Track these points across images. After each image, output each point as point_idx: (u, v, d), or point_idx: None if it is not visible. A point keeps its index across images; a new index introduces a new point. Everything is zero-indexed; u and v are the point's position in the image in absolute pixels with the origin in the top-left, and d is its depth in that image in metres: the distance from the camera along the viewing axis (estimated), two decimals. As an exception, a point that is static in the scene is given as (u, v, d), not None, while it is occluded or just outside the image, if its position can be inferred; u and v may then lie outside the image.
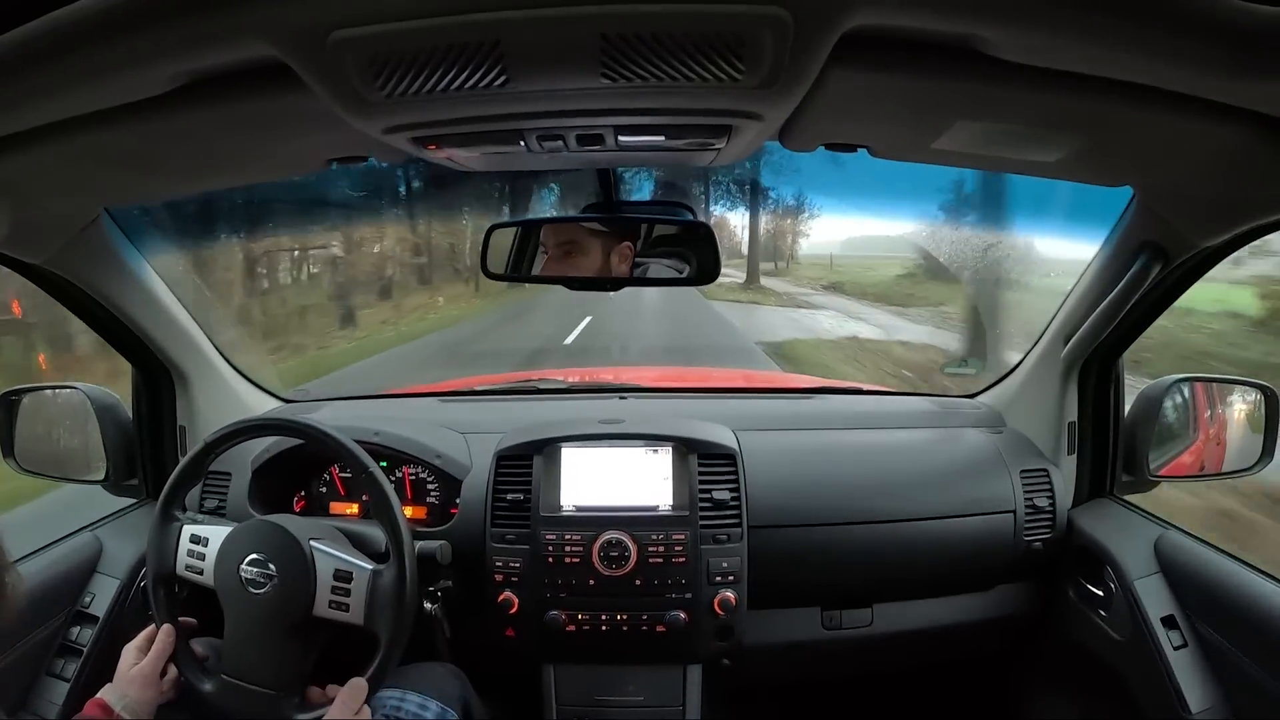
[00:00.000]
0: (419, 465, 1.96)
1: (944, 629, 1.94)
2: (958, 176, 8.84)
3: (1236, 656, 1.45)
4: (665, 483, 1.80)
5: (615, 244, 1.57)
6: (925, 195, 9.50)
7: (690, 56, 0.82)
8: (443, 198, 13.38)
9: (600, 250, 1.58)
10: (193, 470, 1.60)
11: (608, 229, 1.57)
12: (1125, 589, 1.65)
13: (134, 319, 1.82)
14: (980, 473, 1.91)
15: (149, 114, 0.98)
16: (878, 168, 1.31)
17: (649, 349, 10.46)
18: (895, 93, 1.00)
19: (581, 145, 1.13)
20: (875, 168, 1.32)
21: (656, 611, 1.74)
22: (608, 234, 1.57)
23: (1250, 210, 1.25)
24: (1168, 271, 1.56)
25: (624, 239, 1.57)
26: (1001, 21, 0.77)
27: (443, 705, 1.60)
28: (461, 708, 1.65)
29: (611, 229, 1.57)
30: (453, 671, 1.73)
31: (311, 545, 1.46)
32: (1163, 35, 0.75)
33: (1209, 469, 1.91)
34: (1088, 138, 1.10)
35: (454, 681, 1.70)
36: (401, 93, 0.89)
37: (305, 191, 9.92)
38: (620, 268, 1.57)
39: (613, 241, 1.57)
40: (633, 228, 1.58)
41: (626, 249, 1.57)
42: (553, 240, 1.62)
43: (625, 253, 1.57)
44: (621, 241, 1.57)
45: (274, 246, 11.45)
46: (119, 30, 0.76)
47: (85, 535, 1.81)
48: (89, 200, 1.50)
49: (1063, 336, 1.86)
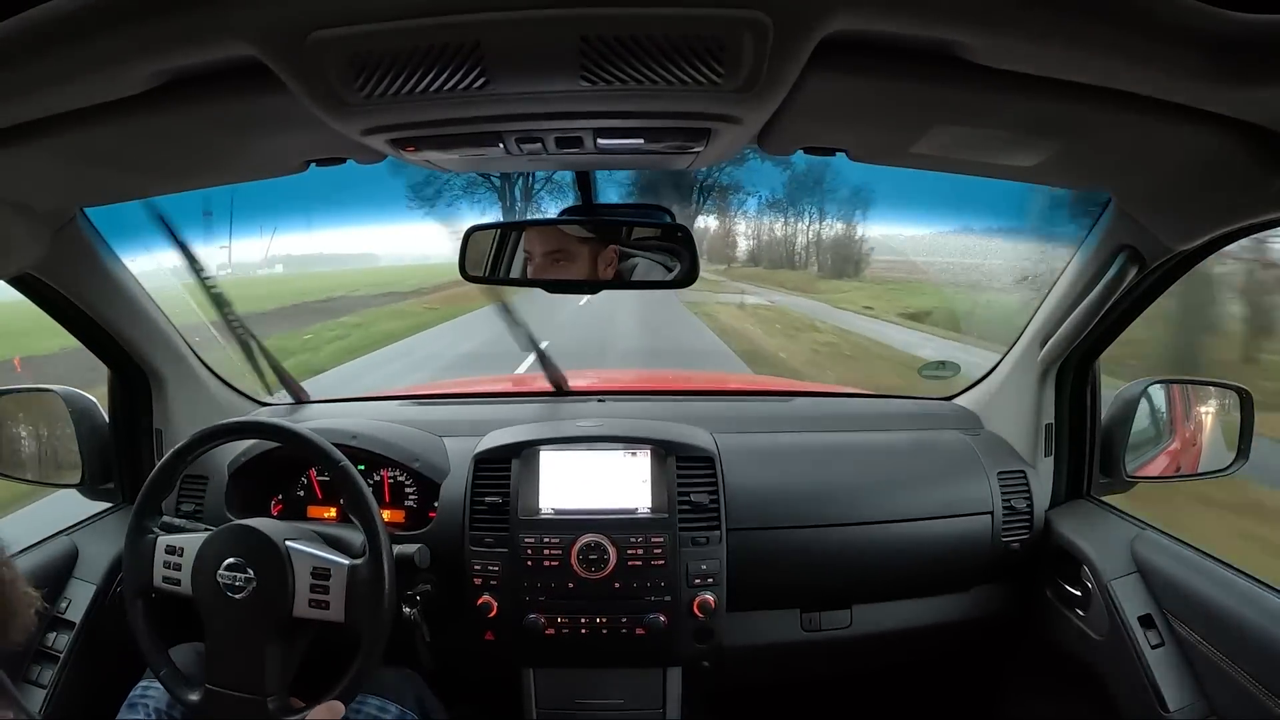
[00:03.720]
0: (397, 468, 1.95)
1: (923, 630, 1.95)
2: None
3: (1213, 655, 1.46)
4: (644, 485, 1.80)
5: (601, 248, 1.56)
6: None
7: (670, 59, 0.82)
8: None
9: (588, 256, 1.57)
10: (165, 479, 1.59)
11: (593, 234, 1.57)
12: (1102, 589, 1.66)
13: (110, 321, 1.80)
14: (958, 474, 1.91)
15: (126, 113, 0.97)
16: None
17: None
18: (874, 97, 1.00)
19: (561, 148, 1.13)
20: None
21: (636, 614, 1.74)
22: (594, 239, 1.57)
23: (1226, 215, 1.26)
24: (1144, 275, 1.58)
25: (609, 243, 1.56)
26: (980, 27, 0.78)
27: (402, 708, 1.60)
28: (419, 709, 1.65)
29: (596, 233, 1.57)
30: (408, 675, 1.73)
31: (288, 545, 1.46)
32: (1139, 41, 0.76)
33: (1185, 470, 1.92)
34: (1065, 143, 1.11)
35: (411, 684, 1.70)
36: (380, 94, 0.88)
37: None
38: (607, 272, 1.57)
39: (599, 247, 1.56)
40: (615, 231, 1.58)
41: (613, 253, 1.57)
42: (539, 248, 1.61)
43: (611, 256, 1.57)
44: (608, 246, 1.56)
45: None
46: (97, 29, 0.76)
47: (60, 540, 1.79)
48: (65, 200, 1.48)
49: (1040, 339, 1.87)
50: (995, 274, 11.82)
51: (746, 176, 21.57)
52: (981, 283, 12.73)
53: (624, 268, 1.58)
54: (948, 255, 15.64)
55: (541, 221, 1.66)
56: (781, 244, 25.61)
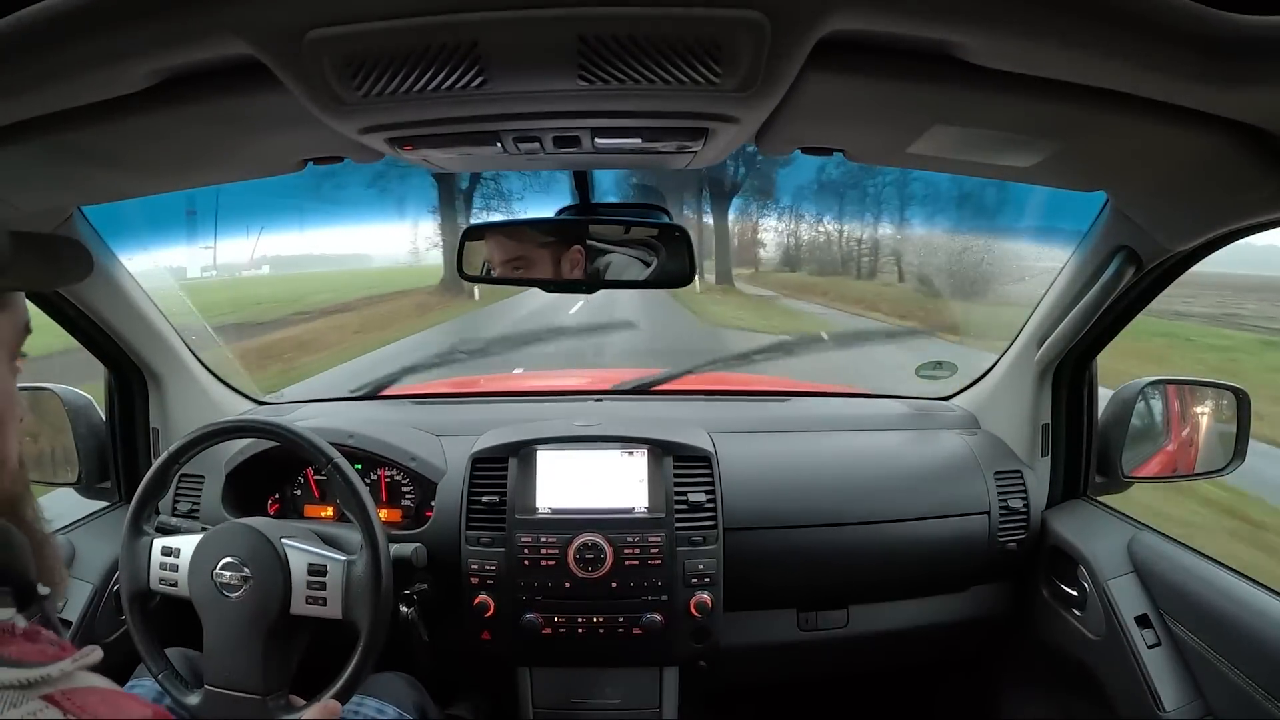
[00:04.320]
0: (394, 468, 1.95)
1: (919, 630, 1.95)
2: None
3: (1210, 655, 1.46)
4: (641, 485, 1.80)
5: (564, 251, 1.54)
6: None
7: (667, 59, 0.82)
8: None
9: (550, 259, 1.54)
10: (161, 478, 1.58)
11: (555, 237, 1.55)
12: (1099, 589, 1.67)
13: (107, 320, 1.80)
14: (955, 475, 1.92)
15: (123, 112, 0.96)
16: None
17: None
18: (872, 97, 1.00)
19: (558, 147, 1.12)
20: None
21: (633, 614, 1.74)
22: (555, 242, 1.54)
23: (1223, 216, 1.26)
24: (1141, 275, 1.58)
25: (572, 245, 1.54)
26: (978, 28, 0.78)
27: (400, 711, 1.60)
28: (418, 713, 1.65)
29: (560, 236, 1.55)
30: (407, 679, 1.73)
31: (284, 543, 1.46)
32: (1136, 42, 0.76)
33: (1181, 470, 1.93)
34: (1063, 143, 1.11)
35: (409, 688, 1.70)
36: (378, 93, 0.88)
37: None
38: (574, 273, 1.55)
39: (562, 249, 1.54)
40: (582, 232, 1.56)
41: (577, 253, 1.54)
42: (499, 256, 1.58)
43: (576, 258, 1.54)
44: (570, 248, 1.54)
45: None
46: (93, 27, 0.75)
47: (58, 539, 1.78)
48: (62, 199, 1.48)
49: (1036, 340, 1.87)
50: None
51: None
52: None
53: (598, 265, 1.56)
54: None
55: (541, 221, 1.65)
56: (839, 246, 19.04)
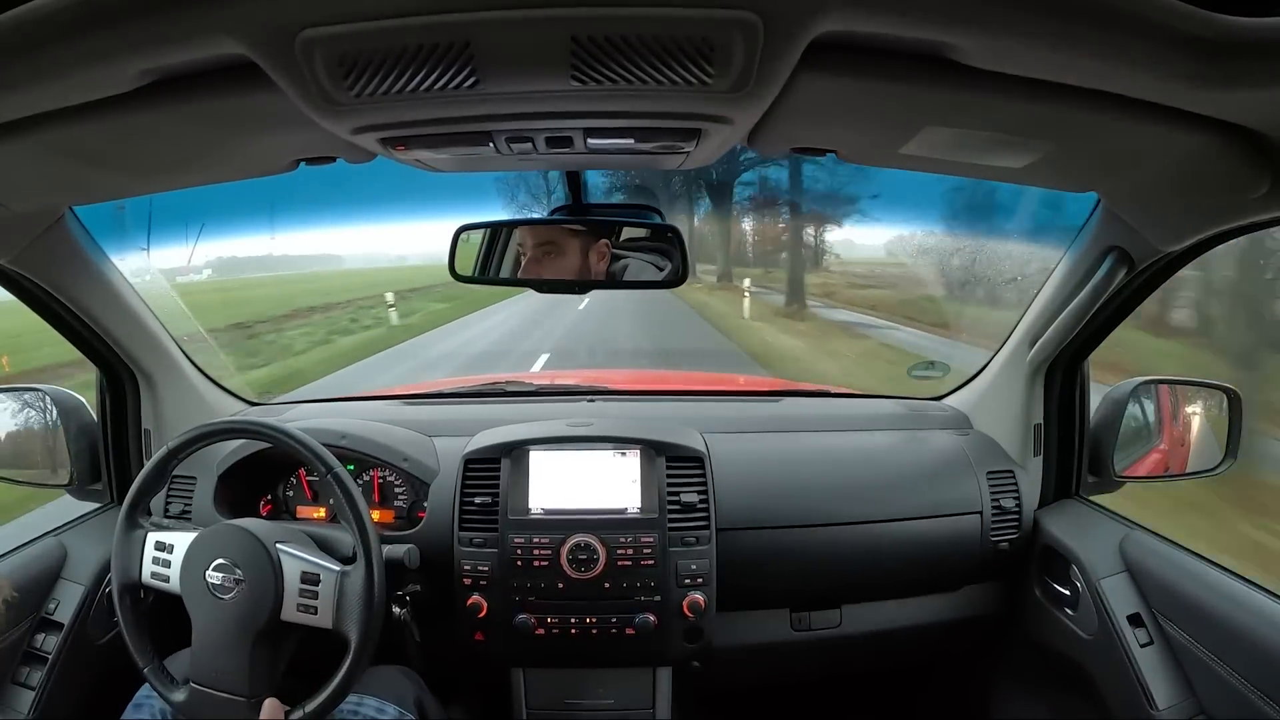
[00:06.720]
0: (386, 468, 1.95)
1: (912, 629, 1.95)
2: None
3: (1202, 653, 1.47)
4: (633, 486, 1.80)
5: (593, 242, 1.56)
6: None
7: (660, 60, 0.82)
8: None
9: (579, 249, 1.57)
10: (156, 477, 1.58)
11: (584, 228, 1.57)
12: (1091, 588, 1.67)
13: (98, 320, 1.80)
14: (947, 474, 1.92)
15: (115, 112, 0.96)
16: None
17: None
18: (865, 98, 1.00)
19: (551, 147, 1.12)
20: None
21: (625, 614, 1.74)
22: (585, 232, 1.57)
23: (1214, 216, 1.27)
24: (1133, 276, 1.59)
25: (600, 237, 1.56)
26: (971, 29, 0.78)
27: (400, 709, 1.59)
28: (418, 710, 1.64)
29: (587, 228, 1.57)
30: (407, 674, 1.73)
31: (278, 549, 1.45)
32: (1128, 44, 0.76)
33: (1174, 469, 1.93)
34: (1055, 144, 1.11)
35: (409, 684, 1.70)
36: (371, 93, 0.88)
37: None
38: (599, 266, 1.57)
39: (590, 240, 1.56)
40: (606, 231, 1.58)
41: (604, 247, 1.56)
42: (531, 241, 1.61)
43: (603, 250, 1.56)
44: (599, 240, 1.56)
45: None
46: (85, 27, 0.75)
47: (49, 540, 1.78)
48: (54, 199, 1.47)
49: (1028, 340, 1.88)
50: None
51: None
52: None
53: (615, 268, 1.58)
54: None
55: (530, 221, 1.66)
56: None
